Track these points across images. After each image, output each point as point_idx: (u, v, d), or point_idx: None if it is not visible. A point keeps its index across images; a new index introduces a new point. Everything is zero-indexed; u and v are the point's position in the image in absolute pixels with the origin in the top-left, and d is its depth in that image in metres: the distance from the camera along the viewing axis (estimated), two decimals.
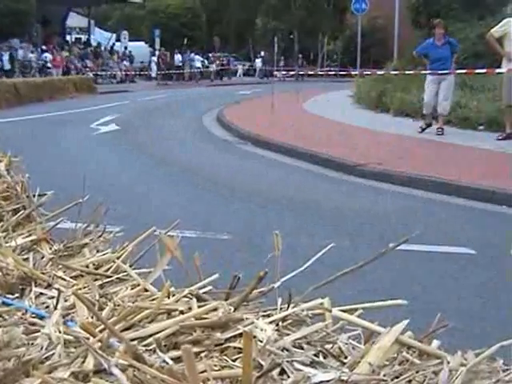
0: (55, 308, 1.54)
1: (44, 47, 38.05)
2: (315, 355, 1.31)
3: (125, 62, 44.56)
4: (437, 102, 14.03)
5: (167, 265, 1.71)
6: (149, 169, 10.94)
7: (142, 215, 7.10)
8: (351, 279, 1.64)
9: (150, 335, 1.35)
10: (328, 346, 1.35)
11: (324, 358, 1.31)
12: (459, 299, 4.95)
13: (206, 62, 49.18)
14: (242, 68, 53.30)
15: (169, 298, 1.53)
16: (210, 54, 50.67)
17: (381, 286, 4.95)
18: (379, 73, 23.10)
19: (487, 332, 4.14)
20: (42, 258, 2.01)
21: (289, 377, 1.22)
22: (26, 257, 1.99)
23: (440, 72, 13.67)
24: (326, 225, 7.24)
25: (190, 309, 1.47)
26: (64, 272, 1.85)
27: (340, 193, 9.22)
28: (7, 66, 33.26)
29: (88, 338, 1.31)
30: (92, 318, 1.45)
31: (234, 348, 1.32)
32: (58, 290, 1.64)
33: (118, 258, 1.89)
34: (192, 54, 46.59)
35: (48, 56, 36.79)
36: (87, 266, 1.89)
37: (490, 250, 6.19)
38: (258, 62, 54.92)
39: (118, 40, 48.41)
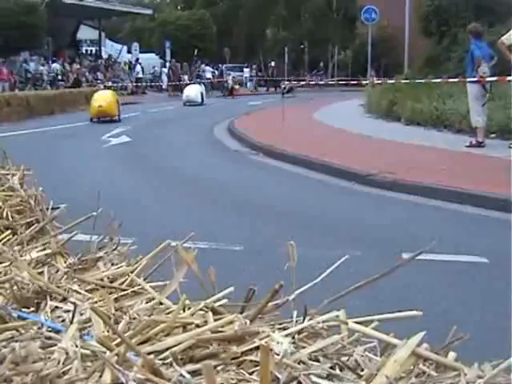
0: (71, 322, 1.55)
1: (54, 59, 38.26)
2: (331, 368, 1.30)
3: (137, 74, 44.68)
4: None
5: (182, 278, 1.71)
6: (160, 180, 10.96)
7: (153, 226, 7.12)
8: (363, 289, 1.63)
9: (167, 349, 1.35)
10: (344, 359, 1.35)
11: (340, 370, 1.31)
12: (472, 308, 4.93)
13: (215, 72, 48.93)
14: (231, 79, 50.37)
15: (184, 311, 1.53)
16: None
17: (393, 296, 4.93)
18: (390, 82, 23.09)
19: (501, 342, 4.11)
20: (57, 271, 2.01)
21: None
22: (40, 270, 2.00)
23: (454, 80, 13.43)
24: (338, 234, 7.23)
25: (205, 322, 1.47)
26: (79, 285, 1.86)
27: (351, 202, 9.21)
28: None
29: (105, 352, 1.31)
30: (108, 331, 1.45)
31: (251, 361, 1.32)
32: (73, 303, 1.64)
33: (132, 272, 1.89)
34: (203, 65, 46.69)
35: (58, 67, 36.96)
36: (102, 280, 1.89)
37: (503, 259, 6.15)
38: (246, 72, 53.71)
39: (128, 52, 48.61)
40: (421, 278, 5.52)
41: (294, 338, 1.41)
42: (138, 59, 45.10)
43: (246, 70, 53.50)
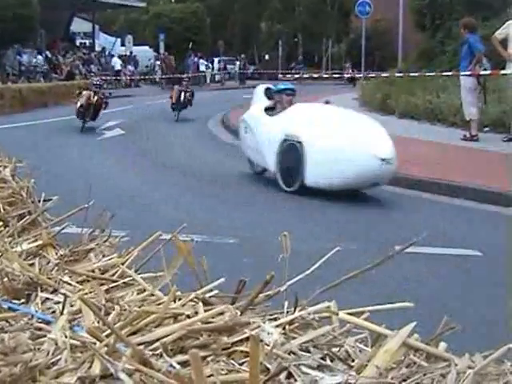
0: (61, 313, 1.54)
1: (40, 51, 38.03)
2: (322, 358, 1.30)
3: (129, 67, 44.55)
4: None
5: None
6: (153, 173, 10.94)
7: (146, 220, 7.10)
8: (356, 282, 1.63)
9: (157, 340, 1.34)
10: (335, 350, 1.35)
11: (331, 361, 1.31)
12: (466, 301, 4.94)
13: (210, 65, 48.77)
14: (210, 72, 46.88)
15: (175, 302, 1.53)
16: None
17: (387, 289, 4.93)
18: (384, 75, 23.10)
19: (494, 334, 4.12)
20: (48, 263, 2.01)
21: (296, 380, 1.21)
22: (31, 262, 1.99)
23: (447, 74, 13.46)
24: (333, 228, 7.23)
25: (196, 313, 1.46)
26: (70, 277, 1.85)
27: (346, 196, 9.20)
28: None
29: (94, 343, 1.30)
30: (98, 322, 1.45)
31: (241, 352, 1.31)
32: (64, 294, 1.63)
33: (123, 263, 1.89)
34: (196, 58, 46.60)
35: (41, 58, 36.71)
36: (93, 271, 1.88)
37: (497, 252, 6.17)
38: (237, 65, 52.95)
39: (122, 44, 48.47)
40: (415, 270, 5.52)
41: (284, 328, 1.41)
42: (113, 54, 44.84)
43: (237, 63, 53.23)
